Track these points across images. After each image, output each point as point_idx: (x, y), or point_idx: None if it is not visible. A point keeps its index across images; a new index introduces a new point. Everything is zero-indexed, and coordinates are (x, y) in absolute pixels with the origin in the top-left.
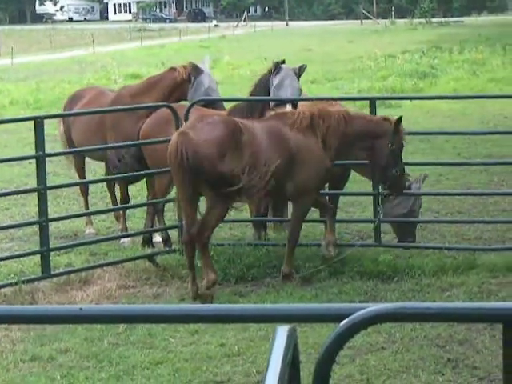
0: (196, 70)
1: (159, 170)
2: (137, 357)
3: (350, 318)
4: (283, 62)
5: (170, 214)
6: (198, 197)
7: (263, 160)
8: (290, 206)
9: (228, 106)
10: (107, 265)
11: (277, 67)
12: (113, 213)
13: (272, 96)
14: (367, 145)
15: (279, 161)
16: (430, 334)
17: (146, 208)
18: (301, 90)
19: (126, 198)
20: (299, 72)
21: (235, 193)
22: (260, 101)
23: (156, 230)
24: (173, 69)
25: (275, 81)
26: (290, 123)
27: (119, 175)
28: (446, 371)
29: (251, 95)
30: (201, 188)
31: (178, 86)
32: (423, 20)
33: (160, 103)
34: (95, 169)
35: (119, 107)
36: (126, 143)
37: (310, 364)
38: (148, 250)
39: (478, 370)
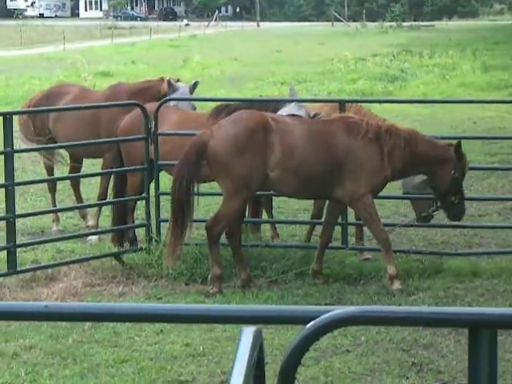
0: (171, 87)
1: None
2: (101, 355)
3: (316, 320)
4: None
5: (138, 212)
6: None
7: (297, 161)
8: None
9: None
10: (73, 262)
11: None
12: (79, 210)
13: None
14: (430, 170)
15: (321, 165)
16: (395, 337)
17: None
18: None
19: (104, 194)
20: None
21: (252, 188)
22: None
23: (125, 228)
24: (162, 79)
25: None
26: (351, 130)
27: (91, 173)
28: (411, 375)
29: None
30: (219, 184)
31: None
32: (394, 23)
33: (130, 101)
34: (61, 166)
35: (91, 104)
36: (107, 139)
37: (275, 365)
38: (115, 248)
39: (443, 375)
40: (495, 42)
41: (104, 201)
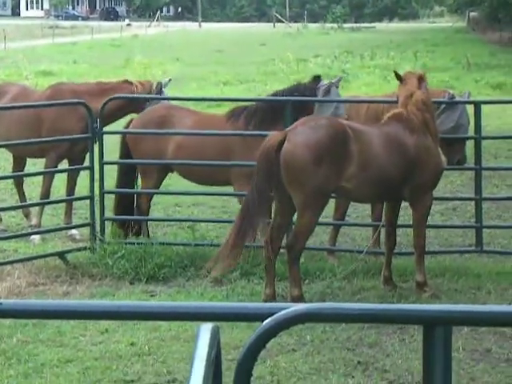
0: (158, 90)
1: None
2: (46, 355)
3: (274, 317)
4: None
5: (81, 211)
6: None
7: (375, 171)
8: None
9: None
10: (17, 261)
11: (319, 80)
12: (22, 209)
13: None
14: None
15: (396, 169)
16: (341, 336)
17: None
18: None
19: (47, 193)
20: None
21: (325, 201)
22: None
23: (68, 228)
24: (128, 82)
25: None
26: (410, 126)
27: (34, 172)
28: (356, 374)
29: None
30: (291, 193)
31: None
32: (335, 25)
33: (76, 100)
34: (4, 165)
35: (37, 103)
36: (54, 138)
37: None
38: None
39: (388, 373)
40: (435, 44)
41: (47, 200)
